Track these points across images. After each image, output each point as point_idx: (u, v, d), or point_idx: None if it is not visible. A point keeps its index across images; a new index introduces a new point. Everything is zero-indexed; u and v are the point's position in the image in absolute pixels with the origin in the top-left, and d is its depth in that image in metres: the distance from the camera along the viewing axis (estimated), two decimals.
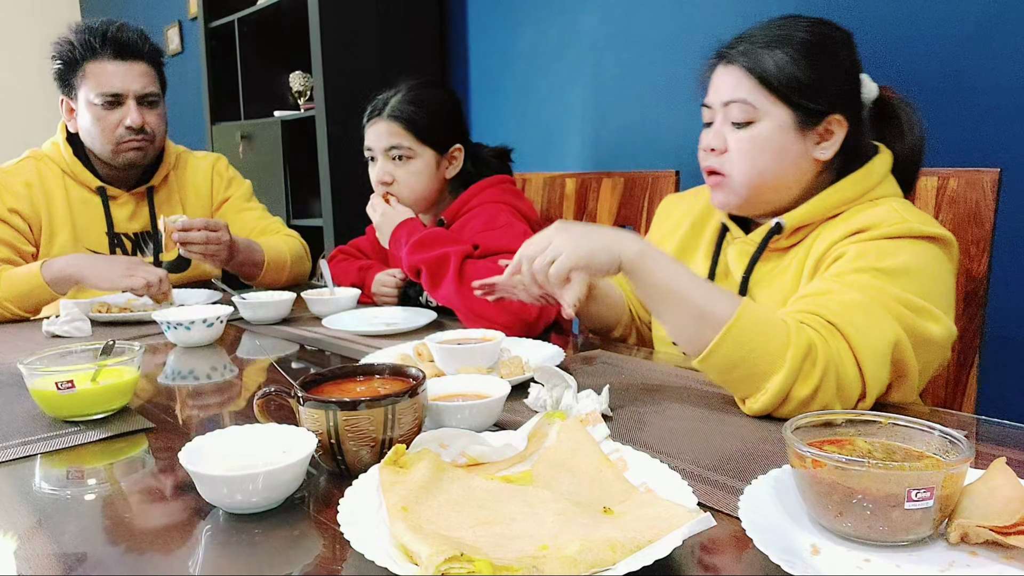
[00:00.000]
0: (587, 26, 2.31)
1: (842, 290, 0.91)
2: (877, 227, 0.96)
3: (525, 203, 1.66)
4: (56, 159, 1.79)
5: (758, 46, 1.05)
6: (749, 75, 1.04)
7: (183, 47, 4.47)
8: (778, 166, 1.05)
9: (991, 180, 1.17)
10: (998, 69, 1.48)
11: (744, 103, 1.05)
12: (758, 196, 1.08)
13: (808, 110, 1.03)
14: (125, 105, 1.73)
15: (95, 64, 1.71)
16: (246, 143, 3.10)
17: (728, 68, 1.07)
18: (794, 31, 1.05)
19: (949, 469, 0.55)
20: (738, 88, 1.05)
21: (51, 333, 1.41)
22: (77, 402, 0.91)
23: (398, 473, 0.65)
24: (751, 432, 0.83)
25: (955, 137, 1.55)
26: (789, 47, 1.03)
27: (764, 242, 1.09)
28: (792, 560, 0.53)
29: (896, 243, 0.95)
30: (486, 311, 1.33)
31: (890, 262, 0.93)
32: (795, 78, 1.02)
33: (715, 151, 1.09)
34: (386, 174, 1.59)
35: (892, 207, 1.00)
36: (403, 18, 2.63)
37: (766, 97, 1.04)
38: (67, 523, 0.67)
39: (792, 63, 1.03)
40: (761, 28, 1.08)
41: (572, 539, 0.55)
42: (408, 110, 1.57)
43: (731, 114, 1.06)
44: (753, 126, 1.05)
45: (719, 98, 1.08)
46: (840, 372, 0.86)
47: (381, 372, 0.82)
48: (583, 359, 1.17)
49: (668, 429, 0.85)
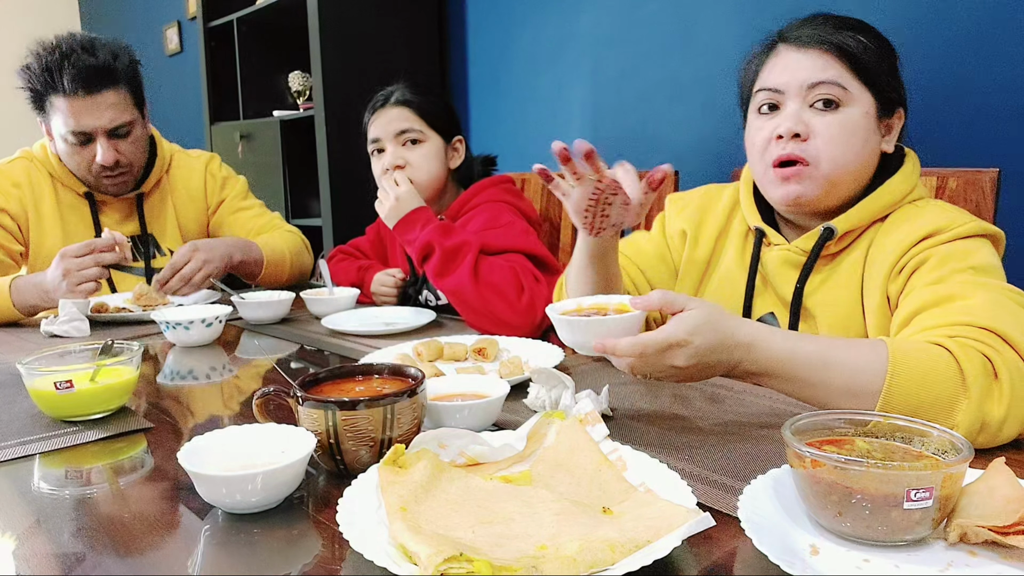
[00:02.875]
0: (586, 26, 2.31)
1: (965, 292, 0.86)
2: (946, 229, 0.94)
3: (525, 202, 1.66)
4: (44, 161, 1.76)
5: (842, 29, 1.00)
6: (837, 57, 0.99)
7: (182, 47, 4.46)
8: (862, 154, 1.01)
9: (990, 180, 1.17)
10: (997, 69, 1.48)
11: (834, 84, 0.99)
12: (837, 187, 1.02)
13: (887, 99, 1.01)
14: (96, 141, 1.64)
15: (59, 99, 1.60)
16: (245, 143, 3.10)
17: (805, 51, 1.01)
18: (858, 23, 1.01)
19: (948, 469, 0.55)
20: (827, 69, 0.99)
21: (50, 333, 1.41)
22: (76, 402, 0.91)
23: (397, 473, 0.65)
24: (750, 432, 0.83)
25: (954, 137, 1.55)
26: (869, 32, 1.00)
27: (817, 250, 1.03)
28: (791, 560, 0.53)
29: (971, 242, 0.93)
30: (496, 309, 1.33)
31: (977, 260, 0.90)
32: (879, 63, 1.00)
33: (798, 137, 1.00)
34: (398, 157, 1.59)
35: (942, 208, 1.00)
36: (402, 18, 2.64)
37: (854, 80, 0.99)
38: (66, 523, 0.67)
39: (874, 49, 0.99)
40: (822, 17, 1.03)
41: (571, 539, 0.55)
42: (416, 97, 1.60)
43: (816, 96, 1.00)
44: (843, 110, 0.99)
45: (799, 80, 1.00)
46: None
47: (380, 372, 0.82)
48: (583, 359, 1.17)
49: (667, 429, 0.85)
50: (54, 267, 1.48)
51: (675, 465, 0.73)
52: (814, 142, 1.00)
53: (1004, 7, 1.46)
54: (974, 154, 1.52)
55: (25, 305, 1.51)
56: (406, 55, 2.65)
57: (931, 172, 1.23)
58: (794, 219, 1.09)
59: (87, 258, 1.48)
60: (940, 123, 1.57)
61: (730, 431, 0.84)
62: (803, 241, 1.05)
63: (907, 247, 0.96)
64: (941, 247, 0.93)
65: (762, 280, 1.11)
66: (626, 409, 0.92)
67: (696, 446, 0.80)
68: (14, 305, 1.50)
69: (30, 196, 1.73)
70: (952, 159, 1.54)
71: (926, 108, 1.58)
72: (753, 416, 0.88)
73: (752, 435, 0.82)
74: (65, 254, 1.48)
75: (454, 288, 1.38)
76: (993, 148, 1.50)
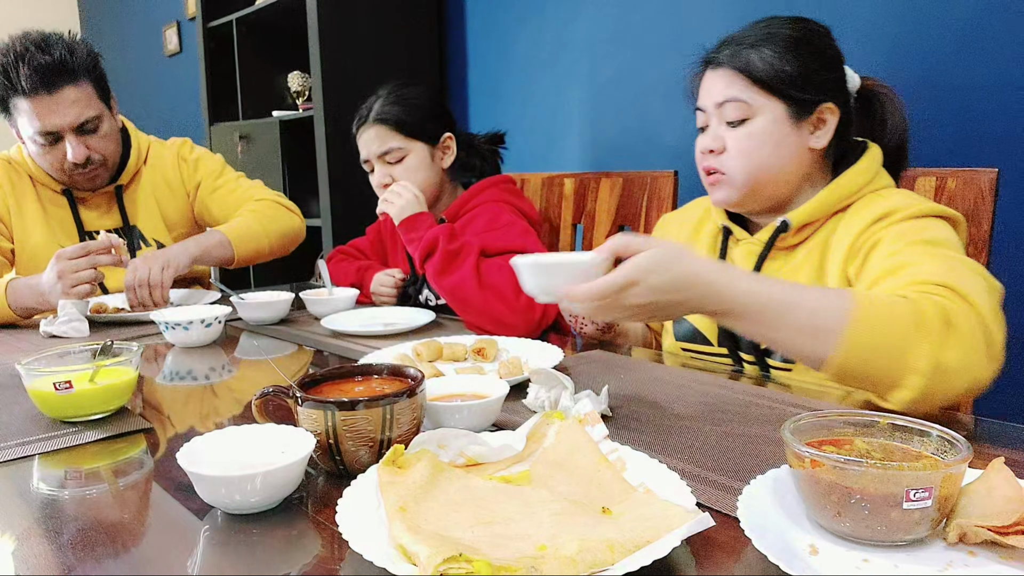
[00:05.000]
0: (585, 27, 2.31)
1: (918, 260, 0.90)
2: (901, 210, 1.00)
3: (525, 203, 1.67)
4: (21, 163, 1.75)
5: (744, 47, 1.09)
6: (739, 74, 1.08)
7: (181, 47, 4.46)
8: (777, 159, 1.09)
9: (989, 180, 1.17)
10: (996, 69, 1.48)
11: (737, 101, 1.08)
12: (758, 191, 1.11)
13: (800, 101, 1.07)
14: (64, 140, 1.62)
15: (21, 100, 1.58)
16: (244, 143, 3.10)
17: (717, 71, 1.11)
18: (777, 29, 1.09)
19: (947, 469, 0.55)
20: (730, 88, 1.09)
21: (49, 333, 1.41)
22: (75, 403, 0.91)
23: (396, 473, 0.65)
24: (750, 432, 0.83)
25: (953, 137, 1.55)
26: (774, 44, 1.08)
27: (771, 240, 1.12)
28: (791, 560, 0.53)
29: (924, 221, 0.99)
30: (495, 309, 1.33)
31: (930, 235, 0.96)
32: (784, 71, 1.06)
33: (714, 152, 1.12)
34: (384, 176, 1.62)
35: (903, 194, 1.05)
36: (401, 19, 2.64)
37: (758, 93, 1.08)
38: (65, 524, 0.67)
39: (779, 58, 1.07)
40: (744, 31, 1.12)
41: (570, 539, 0.55)
42: (392, 110, 1.60)
43: (726, 114, 1.10)
44: (749, 123, 1.09)
45: (712, 100, 1.12)
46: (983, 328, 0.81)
47: (379, 372, 0.82)
48: (582, 359, 1.17)
49: (667, 429, 0.85)
50: (49, 269, 1.47)
51: (674, 465, 0.73)
52: (727, 155, 1.11)
53: (1003, 7, 1.47)
54: (973, 154, 1.52)
55: (21, 307, 1.50)
56: (405, 56, 2.65)
57: (930, 172, 1.23)
58: (754, 218, 1.18)
59: (82, 260, 1.47)
60: (939, 123, 1.57)
61: (730, 431, 0.84)
62: (762, 233, 1.14)
63: (863, 229, 1.02)
64: (894, 226, 0.99)
65: None
66: (625, 409, 0.92)
67: (696, 446, 0.80)
68: (10, 307, 1.50)
69: (12, 195, 1.74)
70: (951, 159, 1.54)
71: (926, 108, 1.59)
72: (753, 416, 0.88)
73: (752, 435, 0.82)
74: (60, 256, 1.47)
75: (455, 286, 1.38)
76: (992, 148, 1.50)
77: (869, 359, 0.81)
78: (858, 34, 1.67)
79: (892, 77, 1.62)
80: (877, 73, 1.18)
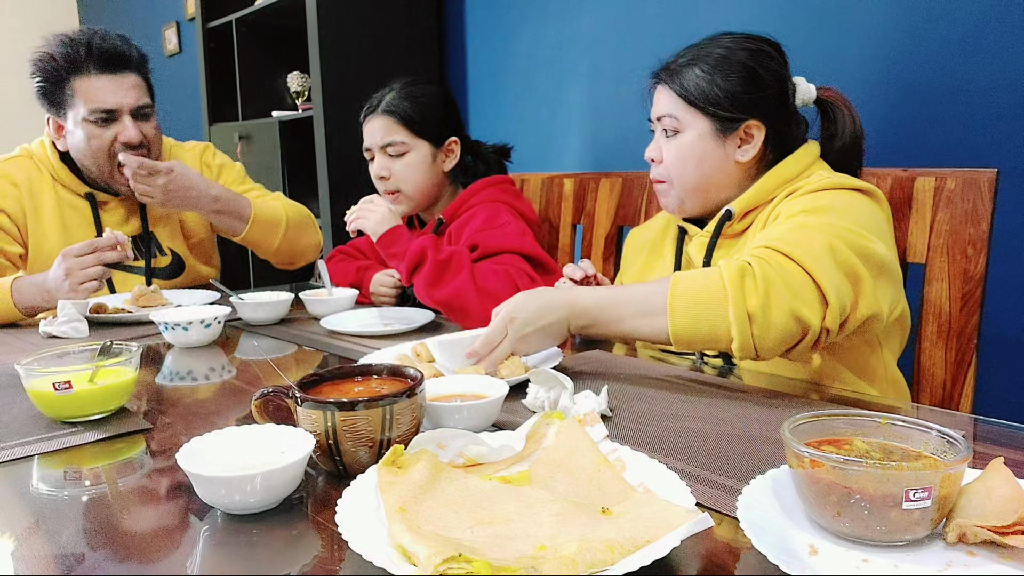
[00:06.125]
0: (585, 27, 2.31)
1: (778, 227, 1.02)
2: (805, 187, 1.09)
3: (524, 203, 1.67)
4: (43, 160, 1.75)
5: (681, 65, 1.19)
6: (673, 92, 1.19)
7: (181, 48, 4.46)
8: (703, 171, 1.19)
9: (988, 180, 1.17)
10: (995, 69, 1.48)
11: (670, 116, 1.20)
12: (696, 197, 1.22)
13: (723, 118, 1.16)
14: (120, 121, 1.67)
15: (83, 80, 1.63)
16: (244, 144, 3.10)
17: (660, 87, 1.23)
18: (713, 48, 1.18)
19: (947, 469, 0.55)
20: (666, 104, 1.20)
21: (48, 334, 1.41)
22: (74, 403, 0.91)
23: (396, 473, 0.65)
24: (749, 432, 0.83)
25: (952, 137, 1.55)
26: (705, 63, 1.17)
27: (718, 229, 1.20)
28: (790, 560, 0.53)
29: (823, 193, 1.06)
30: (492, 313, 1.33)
31: (818, 204, 1.03)
32: (708, 91, 1.16)
33: (655, 161, 1.24)
34: (383, 168, 1.62)
35: (819, 174, 1.13)
36: (401, 19, 2.63)
37: (686, 110, 1.18)
38: (65, 524, 0.67)
39: (706, 78, 1.16)
40: (689, 48, 1.22)
41: (570, 539, 0.55)
42: (402, 105, 1.60)
43: (663, 126, 1.21)
44: (679, 136, 1.20)
45: (655, 113, 1.23)
46: (786, 277, 0.93)
47: (379, 372, 0.82)
48: (582, 359, 1.17)
49: (666, 429, 0.85)
50: (56, 267, 1.48)
51: (674, 465, 0.73)
52: (665, 165, 1.22)
53: (1003, 7, 1.47)
54: (972, 154, 1.52)
55: (26, 305, 1.51)
56: (405, 56, 2.65)
57: (929, 172, 1.23)
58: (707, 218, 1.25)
59: (89, 257, 1.48)
60: (939, 123, 1.57)
61: (729, 431, 0.84)
62: (710, 225, 1.22)
63: (775, 206, 1.12)
64: (792, 200, 1.08)
65: (686, 265, 1.28)
66: (625, 409, 0.92)
67: (695, 446, 0.80)
68: (15, 306, 1.50)
69: (28, 196, 1.72)
70: (950, 159, 1.54)
71: (925, 108, 1.59)
72: (752, 416, 0.88)
73: (751, 435, 0.82)
74: (67, 254, 1.48)
75: (452, 297, 1.38)
76: (991, 148, 1.50)
77: (695, 325, 0.94)
78: (859, 35, 1.67)
79: (892, 77, 1.62)
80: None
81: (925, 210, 1.23)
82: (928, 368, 1.23)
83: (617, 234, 1.79)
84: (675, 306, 0.94)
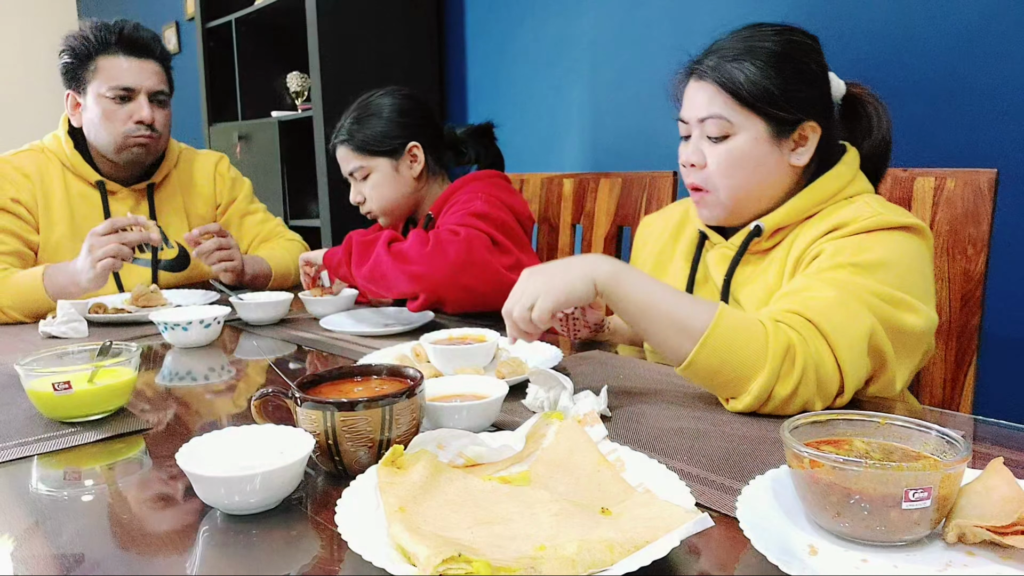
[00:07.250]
0: (585, 27, 2.31)
1: (819, 287, 0.93)
2: (852, 223, 0.98)
3: (514, 197, 1.63)
4: (56, 151, 1.79)
5: (727, 59, 1.05)
6: (721, 90, 1.05)
7: (180, 47, 4.46)
8: (758, 178, 1.07)
9: (988, 180, 1.17)
10: (996, 70, 1.49)
11: (719, 118, 1.05)
12: (742, 208, 1.09)
13: (782, 120, 1.04)
14: (136, 100, 1.74)
15: (108, 59, 1.72)
16: (243, 144, 3.10)
17: (700, 83, 1.08)
18: (761, 42, 1.05)
19: (946, 469, 0.55)
20: (712, 104, 1.06)
21: (48, 334, 1.40)
22: (74, 403, 0.91)
23: (396, 474, 0.65)
24: (749, 432, 0.83)
25: (953, 137, 1.55)
26: (758, 58, 1.04)
27: (744, 245, 1.10)
28: (790, 560, 0.53)
29: (871, 236, 0.97)
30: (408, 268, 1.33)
31: (867, 256, 0.94)
32: (766, 89, 1.03)
33: (695, 166, 1.09)
34: (357, 194, 1.68)
35: (865, 202, 1.02)
36: (401, 19, 2.64)
37: (740, 111, 1.04)
38: (64, 524, 0.67)
39: (762, 74, 1.03)
40: (729, 40, 1.08)
41: (570, 539, 0.55)
42: (352, 129, 1.64)
43: (707, 129, 1.07)
44: (729, 140, 1.06)
45: (694, 114, 1.08)
46: (820, 369, 0.87)
47: (379, 373, 0.82)
48: (581, 359, 1.17)
49: (666, 429, 0.85)
50: (83, 248, 1.53)
51: (673, 465, 0.73)
52: (708, 171, 1.08)
53: (1003, 7, 1.47)
54: (972, 154, 1.52)
55: (57, 293, 1.55)
56: (405, 56, 2.65)
57: (929, 172, 1.23)
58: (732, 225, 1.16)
59: (111, 236, 1.52)
60: (939, 123, 1.57)
61: (729, 431, 0.84)
62: (736, 238, 1.12)
63: (816, 238, 1.01)
64: (839, 241, 0.98)
65: (703, 276, 1.19)
66: (625, 409, 0.92)
67: (695, 446, 0.80)
68: (47, 293, 1.54)
69: (40, 187, 1.76)
70: (950, 159, 1.54)
71: (925, 108, 1.59)
72: (752, 416, 0.88)
73: (751, 435, 0.82)
74: (93, 233, 1.53)
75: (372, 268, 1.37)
76: (991, 149, 1.50)
77: (717, 369, 0.88)
78: (859, 35, 1.67)
79: (892, 77, 1.62)
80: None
81: (925, 210, 1.23)
82: (928, 368, 1.23)
83: (617, 234, 1.79)
84: (707, 342, 0.86)
